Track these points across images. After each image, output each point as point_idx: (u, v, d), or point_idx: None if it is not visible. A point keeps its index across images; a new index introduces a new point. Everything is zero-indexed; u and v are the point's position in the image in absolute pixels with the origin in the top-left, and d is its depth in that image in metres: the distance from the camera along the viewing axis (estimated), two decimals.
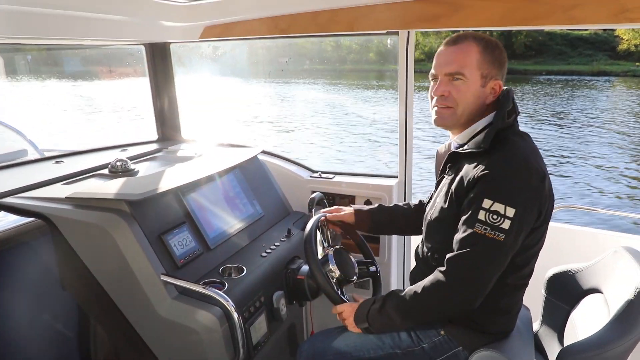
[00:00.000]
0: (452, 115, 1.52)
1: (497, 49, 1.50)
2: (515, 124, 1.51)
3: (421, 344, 1.57)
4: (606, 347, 1.40)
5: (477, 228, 1.34)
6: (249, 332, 1.63)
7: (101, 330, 1.82)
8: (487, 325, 1.54)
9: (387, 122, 16.07)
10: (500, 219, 1.32)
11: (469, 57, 1.47)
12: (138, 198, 1.63)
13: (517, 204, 1.32)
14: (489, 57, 1.48)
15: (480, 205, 1.34)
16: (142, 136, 2.96)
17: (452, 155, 1.57)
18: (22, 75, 21.46)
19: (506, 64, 1.54)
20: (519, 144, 1.43)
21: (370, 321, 1.53)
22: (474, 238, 1.35)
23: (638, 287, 1.45)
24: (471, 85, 1.48)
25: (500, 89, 1.52)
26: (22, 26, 1.85)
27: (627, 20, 1.71)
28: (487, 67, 1.48)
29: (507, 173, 1.36)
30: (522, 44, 36.94)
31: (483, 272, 1.37)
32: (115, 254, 1.59)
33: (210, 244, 1.83)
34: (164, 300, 1.57)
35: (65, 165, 2.26)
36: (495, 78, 1.50)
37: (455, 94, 1.49)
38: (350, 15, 2.17)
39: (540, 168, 1.40)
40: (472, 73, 1.47)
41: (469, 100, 1.49)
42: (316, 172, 2.65)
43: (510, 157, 1.39)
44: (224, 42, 2.78)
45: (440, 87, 1.51)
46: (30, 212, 1.71)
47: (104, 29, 2.15)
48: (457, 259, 1.38)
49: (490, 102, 1.52)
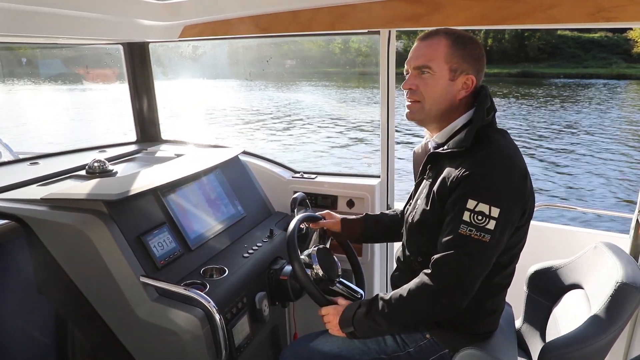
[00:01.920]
0: (420, 109, 1.50)
1: (471, 44, 1.48)
2: (493, 121, 1.50)
3: (407, 349, 1.55)
4: (588, 342, 1.41)
5: (461, 229, 1.32)
6: (231, 334, 1.60)
7: (79, 335, 1.78)
8: (473, 326, 1.53)
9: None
10: (485, 219, 1.30)
11: (437, 51, 1.45)
12: (116, 198, 1.59)
13: (502, 204, 1.31)
14: (460, 52, 1.45)
15: (465, 206, 1.32)
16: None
17: (432, 155, 1.54)
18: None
19: (482, 60, 1.50)
20: (500, 142, 1.42)
21: (356, 326, 1.48)
22: (459, 239, 1.33)
23: (618, 281, 1.47)
24: (438, 79, 1.46)
25: (474, 84, 1.49)
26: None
27: (604, 20, 1.74)
28: (457, 60, 1.45)
29: (490, 172, 1.34)
30: (536, 47, 36.96)
31: (469, 274, 1.34)
32: (93, 256, 1.55)
33: (191, 244, 1.80)
34: (143, 302, 1.54)
35: (41, 167, 2.20)
36: (467, 72, 1.47)
37: (422, 87, 1.48)
38: (331, 15, 2.16)
39: (522, 166, 1.40)
40: (440, 66, 1.45)
41: (437, 93, 1.47)
42: (298, 172, 2.64)
43: (493, 156, 1.37)
44: (203, 42, 2.76)
45: (408, 81, 1.51)
46: (4, 214, 1.66)
47: (80, 27, 2.10)
48: (443, 261, 1.35)
49: (463, 98, 1.49)
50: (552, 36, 34.71)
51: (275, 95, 23.16)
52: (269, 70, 22.61)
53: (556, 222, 2.90)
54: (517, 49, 38.20)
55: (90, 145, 2.66)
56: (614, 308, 1.45)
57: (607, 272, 1.56)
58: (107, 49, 2.88)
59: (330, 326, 1.56)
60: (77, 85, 22.54)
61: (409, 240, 1.59)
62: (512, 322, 1.80)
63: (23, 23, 1.86)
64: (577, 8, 1.77)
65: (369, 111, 18.20)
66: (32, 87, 23.35)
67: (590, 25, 1.83)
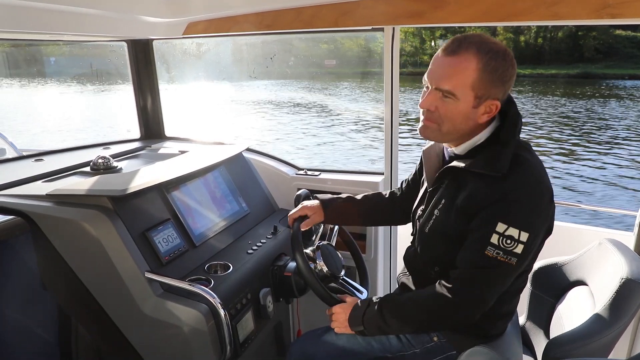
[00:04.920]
0: (436, 131, 1.40)
1: (503, 65, 1.31)
2: (518, 137, 1.41)
3: (412, 349, 1.55)
4: (592, 338, 1.41)
5: (488, 251, 1.29)
6: (235, 330, 1.61)
7: (83, 331, 1.79)
8: (486, 328, 1.52)
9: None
10: (514, 243, 1.27)
11: (464, 75, 1.30)
12: (121, 194, 1.59)
13: (531, 229, 1.28)
14: (489, 76, 1.30)
15: (494, 229, 1.28)
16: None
17: (453, 169, 1.43)
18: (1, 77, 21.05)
19: (513, 79, 1.36)
20: (530, 162, 1.34)
21: (366, 325, 1.46)
22: (486, 261, 1.29)
23: (623, 277, 1.46)
24: (461, 106, 1.33)
25: (497, 109, 1.36)
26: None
27: (609, 16, 1.73)
28: (485, 87, 1.31)
29: (523, 198, 1.29)
30: (592, 47, 35.42)
31: (489, 293, 1.33)
32: (98, 252, 1.56)
33: (195, 241, 1.81)
34: (148, 298, 1.54)
35: (46, 163, 2.21)
36: (494, 98, 1.33)
37: (442, 111, 1.35)
38: (334, 12, 2.16)
39: (550, 188, 1.35)
40: (465, 93, 1.31)
41: (456, 120, 1.35)
42: (302, 169, 2.64)
43: (525, 180, 1.31)
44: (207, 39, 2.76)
45: (427, 100, 1.37)
46: (9, 209, 1.66)
47: (84, 24, 2.10)
48: (465, 278, 1.33)
49: (484, 121, 1.38)
50: (608, 35, 33.09)
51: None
52: (311, 69, 22.54)
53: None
54: (572, 49, 36.70)
55: (95, 143, 2.67)
56: (619, 304, 1.45)
57: (612, 269, 1.56)
58: (112, 46, 2.88)
59: (337, 324, 1.55)
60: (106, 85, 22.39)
61: (423, 247, 1.55)
62: (517, 319, 1.80)
63: (27, 19, 1.86)
64: (582, 4, 1.76)
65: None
66: (38, 84, 23.38)
67: (594, 22, 1.82)
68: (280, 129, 15.49)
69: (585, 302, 1.62)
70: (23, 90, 22.86)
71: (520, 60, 38.74)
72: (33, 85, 23.25)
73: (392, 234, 2.54)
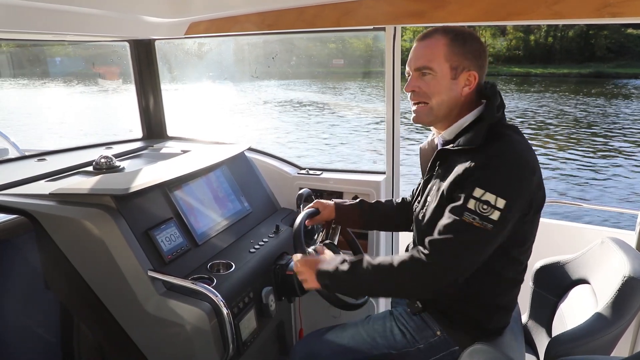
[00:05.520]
0: (428, 112, 1.50)
1: (470, 39, 1.46)
2: (503, 117, 1.48)
3: (417, 345, 1.56)
4: (595, 336, 1.42)
5: (465, 217, 1.32)
6: (238, 328, 1.61)
7: (86, 330, 1.79)
8: (485, 322, 1.53)
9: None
10: (490, 209, 1.31)
11: (436, 50, 1.45)
12: (124, 193, 1.60)
13: (508, 196, 1.31)
14: (459, 49, 1.44)
15: (471, 194, 1.32)
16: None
17: (441, 152, 1.52)
18: (5, 78, 21.02)
19: (484, 55, 1.50)
20: (512, 138, 1.41)
21: (334, 279, 1.48)
22: (461, 225, 1.33)
23: (625, 276, 1.47)
24: (440, 79, 1.46)
25: (476, 80, 1.48)
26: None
27: (610, 15, 1.73)
28: (457, 58, 1.45)
29: (501, 165, 1.34)
30: (604, 46, 35.29)
31: (465, 260, 1.35)
32: (101, 251, 1.56)
33: (198, 240, 1.81)
34: (151, 296, 1.55)
35: (48, 163, 2.22)
36: (469, 69, 1.46)
37: (425, 88, 1.48)
38: (336, 11, 2.16)
39: (531, 161, 1.39)
40: (441, 66, 1.45)
41: (441, 93, 1.47)
42: (303, 168, 2.64)
43: (504, 150, 1.37)
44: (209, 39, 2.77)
45: (410, 83, 1.50)
46: (12, 209, 1.67)
47: (86, 24, 2.11)
48: (441, 243, 1.35)
49: (467, 95, 1.49)
50: (620, 34, 32.87)
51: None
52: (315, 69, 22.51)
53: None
54: (582, 48, 36.58)
55: (97, 142, 2.68)
56: (621, 302, 1.45)
57: (614, 267, 1.56)
58: (114, 46, 2.89)
59: (305, 277, 1.56)
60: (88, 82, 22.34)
61: (419, 237, 1.57)
62: (519, 317, 1.80)
63: (29, 20, 1.87)
64: (582, 3, 1.76)
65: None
66: (41, 84, 23.39)
67: (596, 21, 1.83)
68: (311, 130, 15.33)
69: (588, 300, 1.62)
70: (40, 90, 22.92)
71: (531, 59, 38.23)
72: (40, 86, 23.30)
73: (394, 234, 2.54)
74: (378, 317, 1.72)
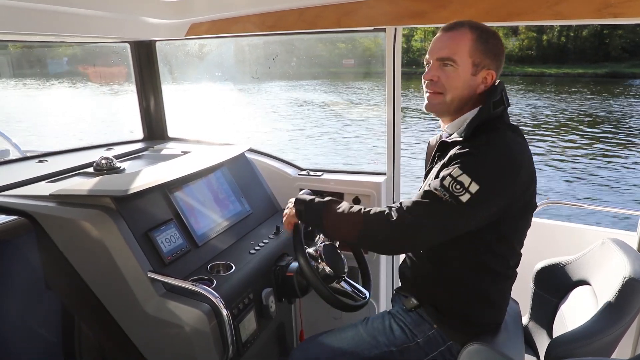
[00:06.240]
0: (441, 102, 1.51)
1: (493, 39, 1.48)
2: (504, 116, 1.51)
3: (416, 339, 1.57)
4: (595, 337, 1.41)
5: (437, 190, 1.36)
6: (237, 329, 1.61)
7: (87, 330, 1.79)
8: (478, 317, 1.55)
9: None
10: (462, 190, 1.33)
11: (462, 44, 1.46)
12: (124, 194, 1.60)
13: (483, 183, 1.32)
14: (483, 46, 1.46)
15: (450, 173, 1.36)
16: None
17: (441, 144, 1.58)
18: (4, 78, 21.07)
19: (503, 56, 1.52)
20: (506, 134, 1.44)
21: (307, 207, 1.59)
22: (432, 197, 1.37)
23: (626, 277, 1.46)
24: (461, 72, 1.47)
25: (493, 79, 1.50)
26: (1, 21, 1.81)
27: (611, 16, 1.73)
28: (480, 55, 1.46)
29: (485, 154, 1.38)
30: (619, 46, 34.90)
31: (425, 227, 1.38)
32: (101, 252, 1.56)
33: (198, 241, 1.81)
34: (151, 297, 1.55)
35: (49, 164, 2.22)
36: (488, 68, 1.48)
37: (444, 79, 1.48)
38: (337, 12, 2.16)
39: (520, 158, 1.40)
40: (464, 60, 1.46)
41: (458, 87, 1.48)
42: (304, 169, 2.64)
43: (494, 143, 1.40)
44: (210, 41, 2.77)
45: (430, 72, 1.51)
46: (13, 210, 1.67)
47: (87, 25, 2.11)
48: (412, 205, 1.40)
49: (482, 92, 1.51)
50: (635, 34, 32.42)
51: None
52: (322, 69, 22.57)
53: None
54: (596, 48, 36.17)
55: (98, 143, 2.68)
56: (622, 303, 1.45)
57: (615, 268, 1.55)
58: (115, 47, 2.90)
59: (287, 211, 1.70)
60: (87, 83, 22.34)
61: None
62: (519, 318, 1.80)
63: (31, 21, 1.87)
64: (583, 4, 1.76)
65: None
66: (41, 84, 23.41)
67: (596, 22, 1.82)
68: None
69: (588, 301, 1.62)
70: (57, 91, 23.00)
71: (543, 59, 37.97)
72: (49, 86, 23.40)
73: None
74: (376, 317, 1.72)
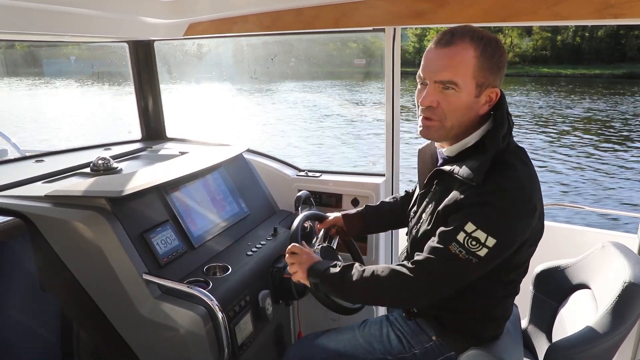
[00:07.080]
0: (440, 129, 1.35)
1: (497, 51, 1.30)
2: (510, 140, 1.37)
3: (412, 350, 1.54)
4: (595, 342, 1.39)
5: (452, 247, 1.27)
6: (233, 332, 1.60)
7: (82, 332, 1.78)
8: (479, 330, 1.51)
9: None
10: (479, 246, 1.25)
11: (464, 64, 1.27)
12: (119, 195, 1.59)
13: (500, 236, 1.25)
14: (488, 63, 1.28)
15: (462, 228, 1.26)
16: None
17: (440, 172, 1.43)
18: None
19: (505, 66, 1.35)
20: (517, 168, 1.30)
21: (323, 281, 1.46)
22: (447, 253, 1.28)
23: (626, 281, 1.44)
24: (464, 96, 1.29)
25: (497, 97, 1.34)
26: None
27: (611, 16, 1.71)
28: (484, 74, 1.29)
29: (498, 203, 1.25)
30: (635, 46, 34.25)
31: (444, 285, 1.34)
32: (96, 253, 1.55)
33: (194, 242, 1.80)
34: (146, 300, 1.53)
35: (46, 164, 2.21)
36: (493, 86, 1.32)
37: (445, 105, 1.31)
38: (335, 12, 2.15)
39: (534, 198, 1.31)
40: (467, 82, 1.28)
41: (460, 112, 1.32)
42: (302, 170, 2.63)
43: (507, 187, 1.26)
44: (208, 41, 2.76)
45: (428, 97, 1.32)
46: (8, 210, 1.66)
47: (85, 25, 2.10)
48: (425, 264, 1.32)
49: (484, 112, 1.36)
50: None
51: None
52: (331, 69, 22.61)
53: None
54: (612, 48, 35.83)
55: (95, 144, 2.67)
56: (622, 308, 1.42)
57: (615, 272, 1.54)
58: (113, 47, 2.89)
59: (296, 268, 1.53)
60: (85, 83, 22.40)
61: (411, 249, 1.54)
62: (518, 322, 1.78)
63: (28, 20, 1.86)
64: (583, 4, 1.74)
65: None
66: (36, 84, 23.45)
67: (596, 22, 1.81)
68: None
69: (588, 305, 1.60)
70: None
71: (558, 59, 37.91)
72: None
73: (393, 235, 2.53)
74: (375, 321, 1.70)
